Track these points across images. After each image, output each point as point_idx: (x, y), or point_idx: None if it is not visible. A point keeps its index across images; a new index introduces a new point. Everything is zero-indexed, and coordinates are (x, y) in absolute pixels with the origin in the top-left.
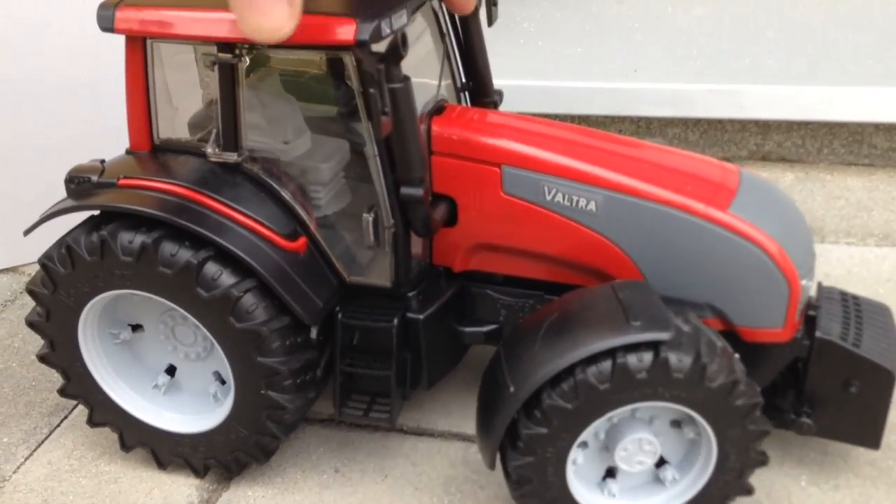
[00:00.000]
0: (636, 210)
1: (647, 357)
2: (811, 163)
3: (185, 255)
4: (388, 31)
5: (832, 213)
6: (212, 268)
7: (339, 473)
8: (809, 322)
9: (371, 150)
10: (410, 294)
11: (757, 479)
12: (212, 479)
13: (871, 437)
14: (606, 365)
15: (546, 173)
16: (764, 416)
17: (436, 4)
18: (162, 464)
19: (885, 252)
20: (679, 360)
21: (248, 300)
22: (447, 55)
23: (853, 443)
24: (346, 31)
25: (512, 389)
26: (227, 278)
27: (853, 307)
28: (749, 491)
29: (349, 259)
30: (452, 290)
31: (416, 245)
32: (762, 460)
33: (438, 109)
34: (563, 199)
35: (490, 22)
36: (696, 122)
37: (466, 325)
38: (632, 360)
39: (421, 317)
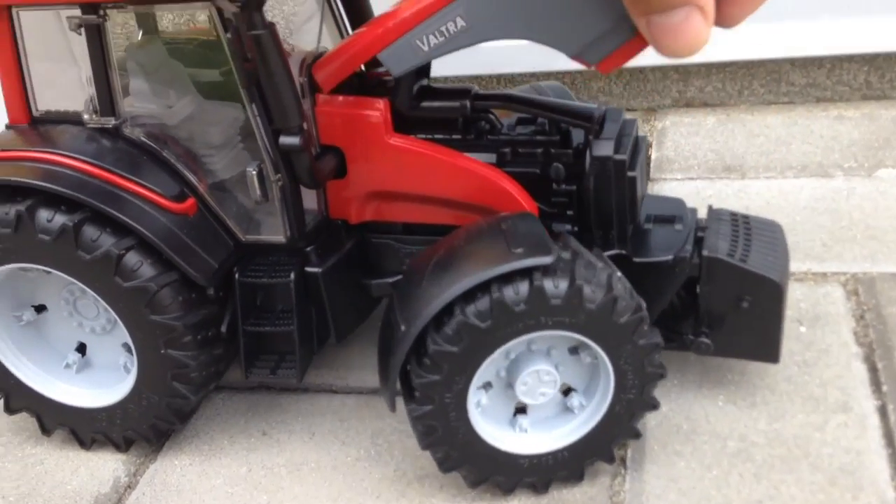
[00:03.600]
0: None
1: (524, 288)
2: (732, 105)
3: (61, 219)
4: None
5: (752, 151)
6: (90, 229)
7: (267, 436)
8: (699, 242)
9: (246, 101)
10: (308, 249)
11: (676, 402)
12: (138, 451)
13: (768, 351)
14: (485, 302)
15: None
16: (654, 330)
17: None
18: (83, 443)
19: (803, 182)
20: (555, 286)
21: (132, 258)
22: (330, 7)
23: (753, 359)
24: None
25: (403, 328)
26: (106, 238)
27: (742, 225)
28: (654, 406)
29: (243, 217)
30: (353, 242)
31: (310, 199)
32: (660, 373)
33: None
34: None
35: None
36: (619, 74)
37: (372, 278)
38: (508, 293)
39: (320, 270)
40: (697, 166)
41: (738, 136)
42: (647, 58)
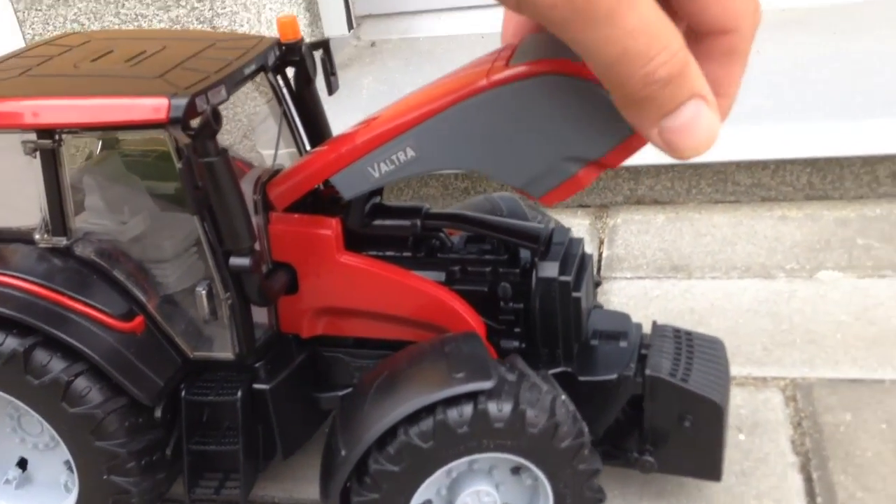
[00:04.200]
0: (438, 128)
1: (468, 410)
2: (681, 203)
3: (11, 343)
4: (204, 106)
5: (699, 250)
6: (40, 354)
7: None
8: (642, 360)
9: (197, 222)
10: (257, 364)
11: None
12: None
13: (710, 470)
14: (428, 423)
15: None
16: (595, 455)
17: (272, 77)
18: None
19: (747, 283)
20: (499, 410)
21: (81, 383)
22: (289, 125)
23: (696, 476)
24: (159, 110)
25: (343, 453)
26: (56, 363)
27: (685, 343)
28: None
29: (192, 334)
30: (303, 356)
31: (261, 314)
32: (599, 498)
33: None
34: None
35: (330, 91)
36: None
37: (323, 391)
38: (452, 414)
39: (268, 387)
40: (646, 265)
41: (685, 236)
42: None
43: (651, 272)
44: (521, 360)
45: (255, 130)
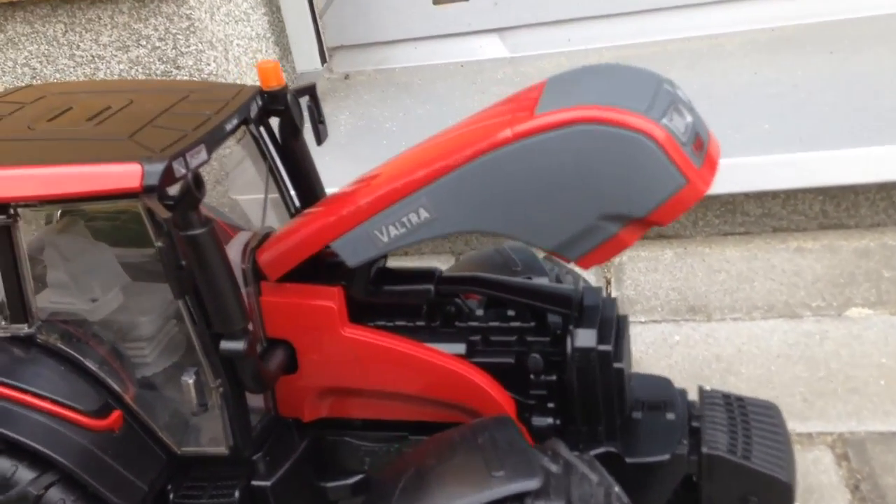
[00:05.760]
0: (456, 186)
1: None
2: (688, 236)
3: None
4: (183, 171)
5: (714, 288)
6: (4, 464)
7: None
8: (694, 434)
9: (182, 306)
10: (255, 457)
11: None
12: None
13: None
14: None
15: None
16: None
17: (254, 129)
18: None
19: (773, 325)
20: None
21: (53, 496)
22: (276, 182)
23: None
24: (131, 177)
25: None
26: (24, 474)
27: (738, 411)
28: None
29: (178, 426)
30: (306, 442)
31: (256, 399)
32: None
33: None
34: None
35: (319, 141)
36: None
37: (328, 480)
38: None
39: (269, 483)
40: (661, 307)
41: (698, 273)
42: None
43: (667, 315)
44: (563, 444)
45: (227, 175)
